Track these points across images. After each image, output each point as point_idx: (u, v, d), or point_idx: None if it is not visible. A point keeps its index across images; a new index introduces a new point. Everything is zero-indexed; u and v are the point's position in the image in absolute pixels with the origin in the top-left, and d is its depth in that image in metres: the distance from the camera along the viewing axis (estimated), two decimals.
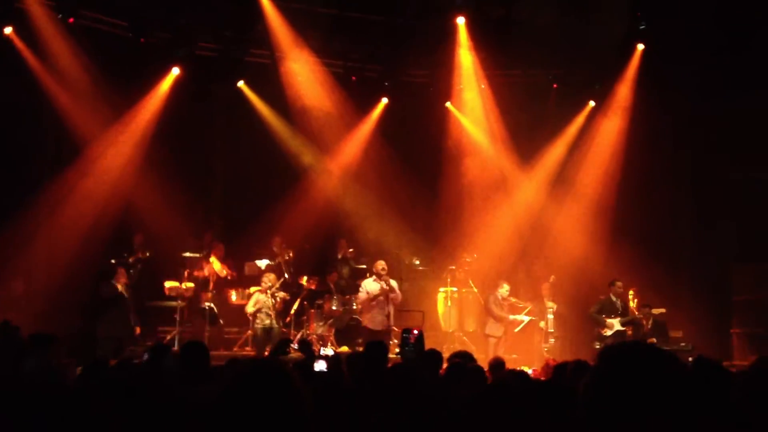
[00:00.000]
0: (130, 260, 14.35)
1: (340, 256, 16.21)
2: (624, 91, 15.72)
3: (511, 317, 14.66)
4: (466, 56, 15.67)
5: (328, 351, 12.83)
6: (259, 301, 13.60)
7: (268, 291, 13.62)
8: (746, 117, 14.06)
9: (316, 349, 12.83)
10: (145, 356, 6.02)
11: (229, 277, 15.05)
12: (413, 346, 8.27)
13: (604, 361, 2.16)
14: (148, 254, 14.60)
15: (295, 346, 10.78)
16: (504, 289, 14.58)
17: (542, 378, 7.85)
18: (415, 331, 8.44)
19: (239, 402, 2.37)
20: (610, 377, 2.11)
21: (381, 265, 13.84)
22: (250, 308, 13.70)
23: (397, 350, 10.39)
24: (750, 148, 14.48)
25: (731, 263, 15.31)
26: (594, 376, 2.14)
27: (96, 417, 2.62)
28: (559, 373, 6.40)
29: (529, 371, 9.80)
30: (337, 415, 4.34)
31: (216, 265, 14.89)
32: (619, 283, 14.04)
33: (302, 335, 13.79)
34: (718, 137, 15.01)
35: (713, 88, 14.73)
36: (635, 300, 14.16)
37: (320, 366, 6.70)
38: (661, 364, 2.10)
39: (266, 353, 12.00)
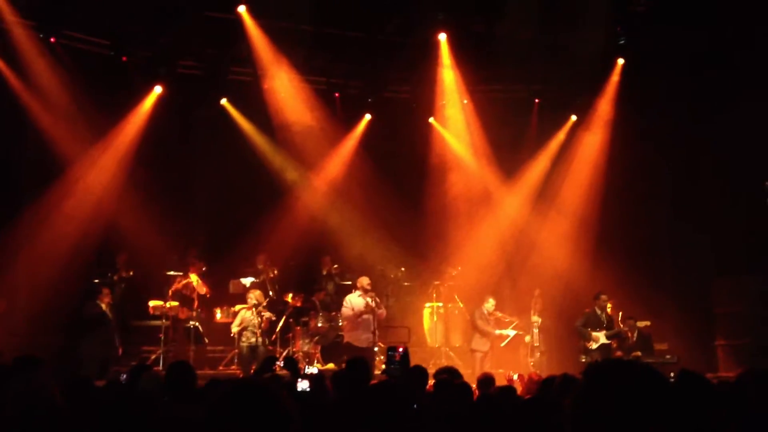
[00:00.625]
0: (114, 279, 14.27)
1: (325, 273, 16.17)
2: (605, 105, 15.86)
3: (497, 332, 14.61)
4: (448, 72, 15.74)
5: (313, 369, 12.74)
6: (245, 319, 13.49)
7: (254, 309, 13.51)
8: (726, 131, 14.14)
9: (302, 367, 12.76)
10: (123, 377, 5.97)
11: (207, 295, 14.90)
12: (398, 363, 8.23)
13: (588, 379, 2.16)
14: (131, 273, 14.53)
15: (281, 363, 10.71)
16: (490, 304, 14.52)
17: (524, 390, 7.83)
18: (400, 349, 8.41)
19: (224, 423, 2.36)
20: (594, 394, 2.11)
21: (366, 280, 13.75)
22: (234, 327, 13.58)
23: (383, 366, 10.35)
24: (729, 163, 14.57)
25: (711, 276, 15.38)
26: (579, 393, 2.14)
27: None
28: (546, 387, 6.39)
29: (515, 377, 9.80)
30: None
31: (195, 282, 14.79)
32: (603, 296, 14.04)
33: (288, 353, 13.69)
34: (698, 151, 15.13)
35: (693, 102, 14.86)
36: (620, 313, 14.17)
37: (303, 385, 6.65)
38: (645, 380, 2.11)
39: (252, 372, 11.91)
